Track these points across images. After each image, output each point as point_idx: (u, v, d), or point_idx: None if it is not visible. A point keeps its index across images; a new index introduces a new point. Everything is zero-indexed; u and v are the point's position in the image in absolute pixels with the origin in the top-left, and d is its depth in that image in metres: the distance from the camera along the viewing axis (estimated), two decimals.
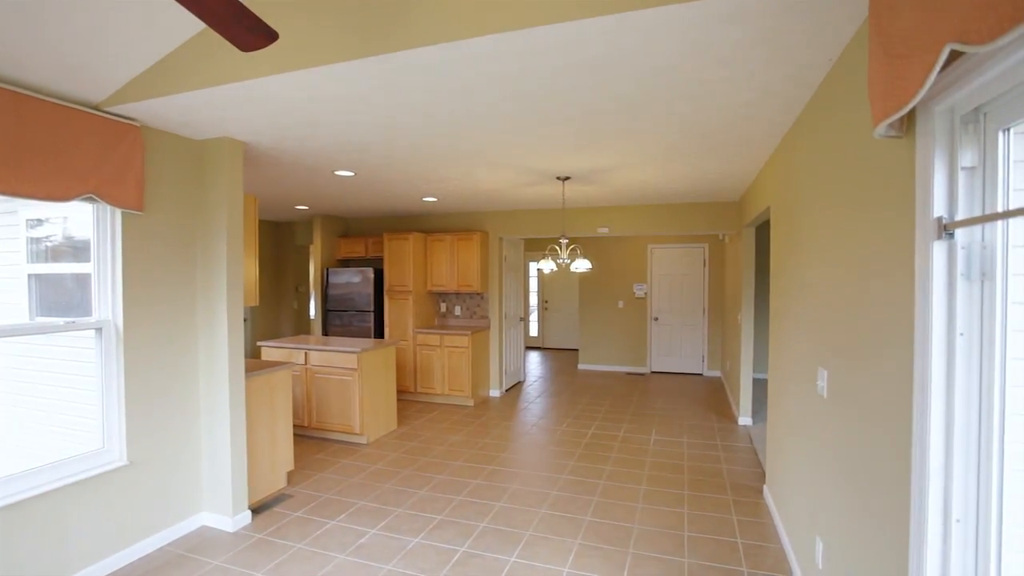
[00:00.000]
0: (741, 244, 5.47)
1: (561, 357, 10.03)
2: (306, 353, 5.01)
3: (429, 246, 6.78)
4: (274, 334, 8.37)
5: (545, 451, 4.71)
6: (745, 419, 5.48)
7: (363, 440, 4.91)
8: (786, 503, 3.01)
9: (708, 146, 3.43)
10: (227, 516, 3.24)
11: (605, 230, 6.30)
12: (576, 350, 10.65)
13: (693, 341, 8.21)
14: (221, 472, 3.24)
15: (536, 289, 11.24)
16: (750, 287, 5.39)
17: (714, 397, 6.70)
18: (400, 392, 6.64)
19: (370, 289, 6.65)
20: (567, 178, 4.45)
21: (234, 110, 2.71)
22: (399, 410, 6.07)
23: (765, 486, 3.74)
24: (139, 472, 2.93)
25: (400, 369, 6.57)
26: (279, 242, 8.41)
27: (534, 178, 4.52)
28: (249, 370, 3.62)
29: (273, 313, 8.35)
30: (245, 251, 3.51)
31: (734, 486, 3.91)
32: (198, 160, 3.24)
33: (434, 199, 5.77)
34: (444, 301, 7.12)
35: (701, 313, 8.14)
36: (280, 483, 3.85)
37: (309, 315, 8.16)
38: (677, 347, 8.29)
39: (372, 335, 6.64)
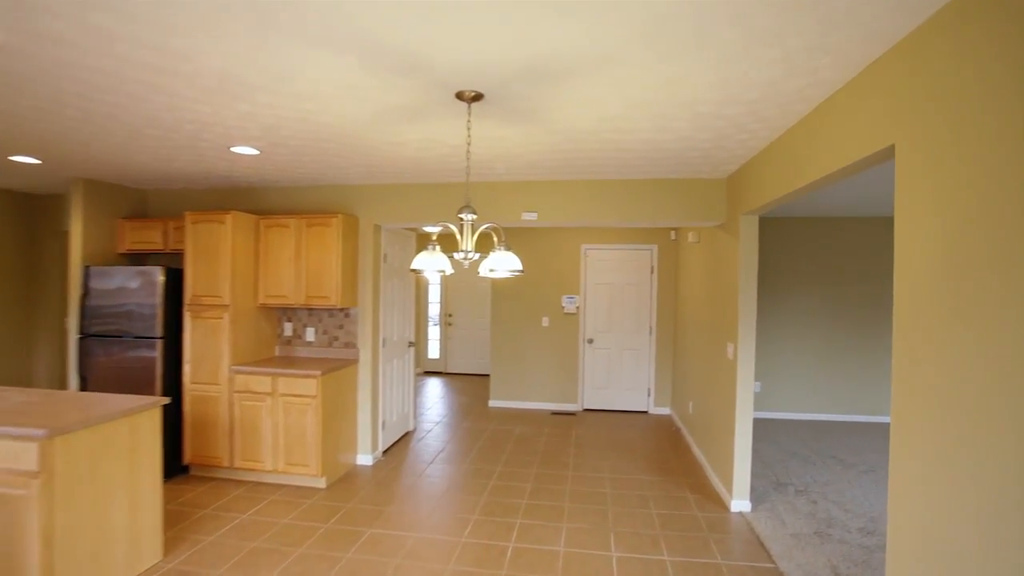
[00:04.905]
0: (737, 242, 3.66)
1: (469, 387, 7.88)
2: None
3: (263, 235, 4.35)
4: (22, 379, 5.40)
5: None
6: (741, 503, 3.64)
7: None
8: None
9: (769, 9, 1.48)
10: None
11: (532, 216, 4.26)
12: (487, 375, 8.56)
13: (636, 370, 6.41)
14: None
15: (439, 299, 9.02)
16: (751, 304, 3.58)
17: (675, 452, 4.87)
18: (206, 467, 4.14)
19: (157, 299, 4.09)
20: (476, 97, 2.33)
21: None
22: (191, 508, 3.58)
23: None
24: None
25: (207, 430, 4.07)
26: (33, 228, 5.49)
27: (413, 92, 2.35)
28: None
29: (24, 343, 5.39)
30: None
31: None
32: None
33: (254, 151, 3.40)
34: (290, 320, 4.71)
35: (647, 333, 6.36)
36: None
37: None
38: (616, 377, 6.45)
39: (159, 378, 4.07)
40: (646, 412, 6.37)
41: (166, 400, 2.96)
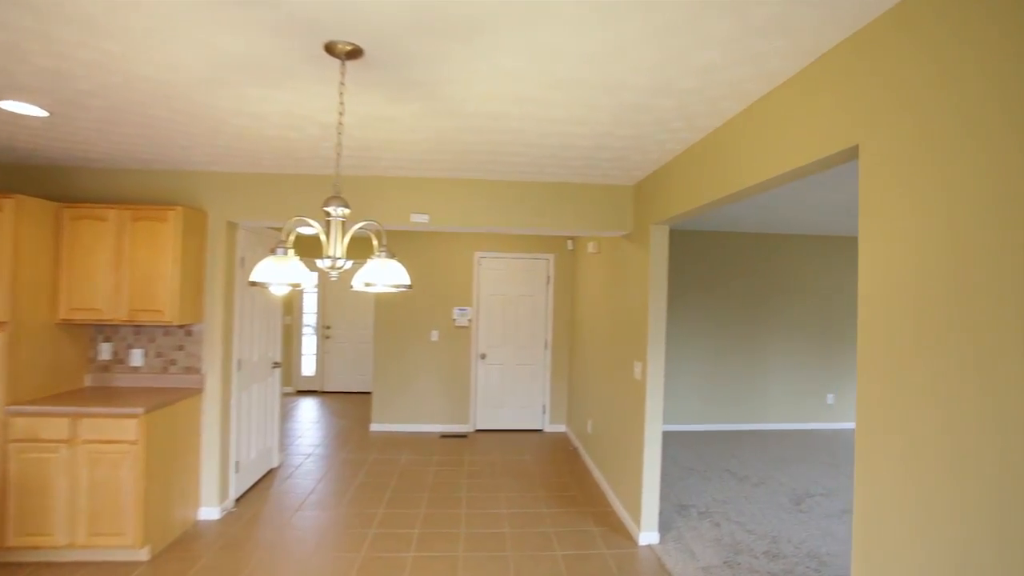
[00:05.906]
0: (647, 254, 3.42)
1: (349, 408, 7.05)
2: None
3: (68, 229, 3.33)
4: None
5: None
6: (650, 534, 3.39)
7: None
8: None
9: None
10: None
11: (423, 218, 3.72)
12: (371, 394, 7.77)
13: (531, 386, 6.07)
14: None
15: (315, 308, 8.05)
16: (660, 322, 3.35)
17: (575, 477, 4.57)
18: None
19: None
20: (353, 53, 1.76)
21: None
22: None
23: None
24: None
25: None
26: None
27: (265, 37, 1.72)
28: None
29: None
30: None
31: None
32: None
33: (39, 111, 2.48)
34: (108, 341, 3.68)
35: (543, 347, 6.07)
36: None
37: None
38: (510, 395, 6.06)
39: None
40: (541, 431, 6.05)
41: None
